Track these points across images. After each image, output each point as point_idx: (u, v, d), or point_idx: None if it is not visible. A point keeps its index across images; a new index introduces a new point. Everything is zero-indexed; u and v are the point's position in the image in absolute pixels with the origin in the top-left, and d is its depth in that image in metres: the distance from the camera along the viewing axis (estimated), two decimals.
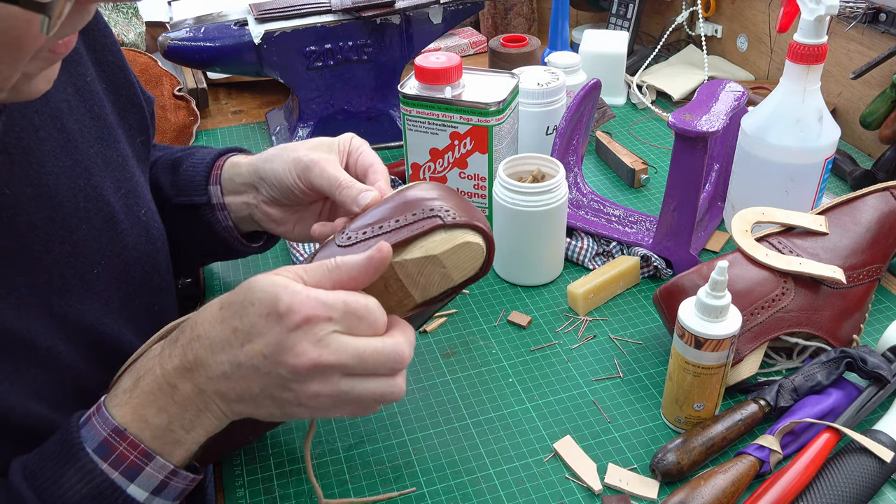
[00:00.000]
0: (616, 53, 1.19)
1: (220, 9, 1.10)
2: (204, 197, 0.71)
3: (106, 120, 0.61)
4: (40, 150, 0.54)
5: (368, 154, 0.66)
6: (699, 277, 0.70)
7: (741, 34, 1.27)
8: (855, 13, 1.02)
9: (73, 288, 0.55)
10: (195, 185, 0.71)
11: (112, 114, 0.63)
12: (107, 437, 0.49)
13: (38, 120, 0.54)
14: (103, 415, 0.50)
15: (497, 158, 0.88)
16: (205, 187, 0.71)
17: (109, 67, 0.64)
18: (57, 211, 0.54)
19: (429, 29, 1.08)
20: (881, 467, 0.60)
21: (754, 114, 0.83)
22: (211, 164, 0.72)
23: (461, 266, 0.56)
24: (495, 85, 0.89)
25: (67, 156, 0.56)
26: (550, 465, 0.65)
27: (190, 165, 0.73)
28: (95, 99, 0.61)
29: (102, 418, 0.49)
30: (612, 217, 0.92)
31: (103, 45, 0.64)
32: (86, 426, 0.50)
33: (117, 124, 0.64)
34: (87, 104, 0.60)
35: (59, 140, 0.56)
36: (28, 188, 0.52)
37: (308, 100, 1.09)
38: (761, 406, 0.65)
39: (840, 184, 1.00)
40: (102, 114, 0.61)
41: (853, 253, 0.73)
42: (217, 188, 0.71)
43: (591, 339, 0.78)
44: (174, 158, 0.75)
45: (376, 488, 0.63)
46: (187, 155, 0.74)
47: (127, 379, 0.52)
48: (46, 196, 0.53)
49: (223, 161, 0.72)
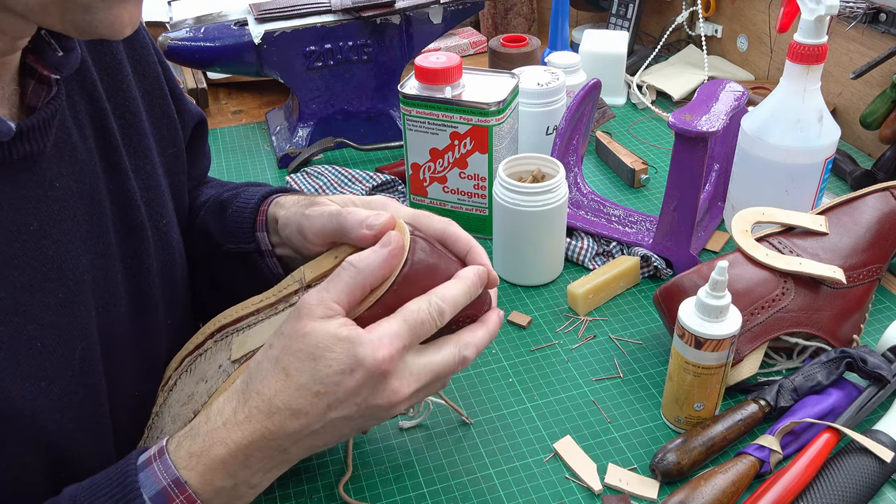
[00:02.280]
0: (616, 53, 1.19)
1: (220, 9, 1.10)
2: (252, 244, 0.67)
3: (140, 127, 0.61)
4: (85, 148, 0.54)
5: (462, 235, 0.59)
6: (699, 277, 0.70)
7: (741, 34, 1.27)
8: (855, 13, 1.02)
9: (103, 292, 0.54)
10: (242, 232, 0.68)
11: (147, 122, 0.63)
12: (166, 487, 0.48)
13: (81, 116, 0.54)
14: (166, 462, 0.49)
15: (497, 158, 0.88)
16: (251, 234, 0.67)
17: (147, 78, 0.64)
18: (96, 208, 0.54)
19: (429, 29, 1.08)
20: (881, 467, 0.60)
21: (754, 114, 0.83)
22: (256, 209, 0.68)
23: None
24: (495, 85, 0.89)
25: (103, 157, 0.56)
26: (550, 465, 0.65)
27: (235, 210, 0.68)
28: (131, 105, 0.60)
29: (164, 466, 0.49)
30: (612, 217, 0.92)
31: (141, 55, 0.63)
32: (144, 470, 0.49)
33: (150, 133, 0.63)
34: (121, 109, 0.59)
35: (97, 139, 0.56)
36: (74, 184, 0.52)
37: (308, 100, 1.09)
38: (761, 406, 0.65)
39: (840, 184, 1.00)
40: (136, 121, 0.61)
41: (853, 253, 0.73)
42: (264, 235, 0.67)
43: (591, 339, 0.78)
44: (221, 200, 0.71)
45: (376, 488, 0.63)
46: (233, 197, 0.71)
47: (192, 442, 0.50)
48: (88, 194, 0.53)
49: (267, 205, 0.67)
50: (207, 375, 0.60)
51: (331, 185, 1.01)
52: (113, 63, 0.59)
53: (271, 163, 1.12)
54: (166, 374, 0.63)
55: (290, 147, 1.10)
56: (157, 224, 0.62)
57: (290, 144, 1.10)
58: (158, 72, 0.65)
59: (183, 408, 0.60)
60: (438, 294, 0.52)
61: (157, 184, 0.63)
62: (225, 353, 0.60)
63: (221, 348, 0.61)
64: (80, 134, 0.54)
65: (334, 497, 0.63)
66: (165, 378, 0.63)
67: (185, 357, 0.63)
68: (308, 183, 1.02)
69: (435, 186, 0.92)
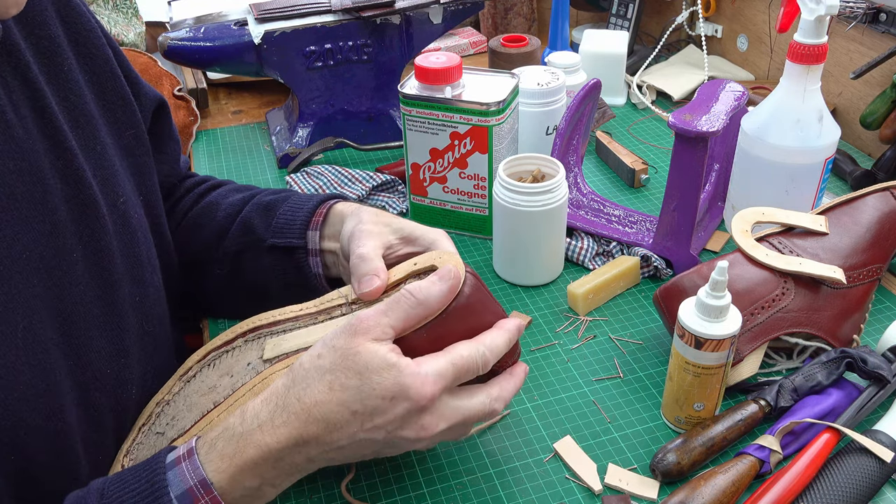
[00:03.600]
0: (616, 53, 1.19)
1: (220, 9, 1.10)
2: (301, 241, 0.71)
3: (85, 109, 0.61)
4: (22, 127, 0.54)
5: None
6: (699, 277, 0.70)
7: (741, 34, 1.27)
8: (855, 13, 1.02)
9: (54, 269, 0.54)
10: (293, 228, 0.72)
11: (93, 103, 0.63)
12: (192, 487, 0.50)
13: (16, 96, 0.54)
14: (194, 462, 0.51)
15: (497, 158, 0.88)
16: (304, 231, 0.71)
17: (92, 60, 0.64)
18: (38, 187, 0.54)
19: (429, 29, 1.08)
20: (881, 467, 0.60)
21: (754, 114, 0.83)
22: (313, 210, 0.72)
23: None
24: (495, 85, 0.89)
25: (46, 138, 0.56)
26: (550, 465, 0.65)
27: (289, 209, 0.73)
28: (73, 87, 0.60)
29: (193, 466, 0.50)
30: (612, 217, 0.92)
31: (86, 38, 0.63)
32: (173, 469, 0.50)
33: (99, 115, 0.63)
34: (63, 92, 0.60)
35: (36, 120, 0.55)
36: (10, 161, 0.52)
37: (308, 100, 1.09)
38: (761, 406, 0.65)
39: (840, 184, 1.00)
40: (81, 103, 0.61)
41: (853, 253, 0.73)
42: (316, 234, 0.71)
43: (591, 339, 0.78)
44: (267, 201, 0.75)
45: (376, 488, 0.63)
46: (284, 198, 0.75)
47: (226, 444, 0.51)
48: (28, 171, 0.53)
49: (325, 208, 0.73)
50: (234, 371, 0.62)
51: (331, 185, 1.01)
52: (50, 47, 0.59)
53: (271, 163, 1.12)
54: (186, 365, 0.64)
55: (290, 147, 1.10)
56: (113, 202, 0.62)
57: (290, 144, 1.10)
58: (108, 55, 0.66)
59: (202, 398, 0.61)
60: (486, 343, 0.55)
61: (109, 164, 0.63)
62: (256, 353, 0.62)
63: (252, 348, 0.62)
64: (15, 113, 0.54)
65: (334, 497, 0.63)
66: (185, 368, 0.64)
67: (210, 351, 0.64)
68: (308, 183, 1.02)
69: (435, 186, 0.93)
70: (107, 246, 0.60)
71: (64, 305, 0.55)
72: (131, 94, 0.68)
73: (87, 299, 0.57)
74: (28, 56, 0.57)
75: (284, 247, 0.72)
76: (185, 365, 0.64)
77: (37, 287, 0.53)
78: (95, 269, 0.58)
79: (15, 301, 0.51)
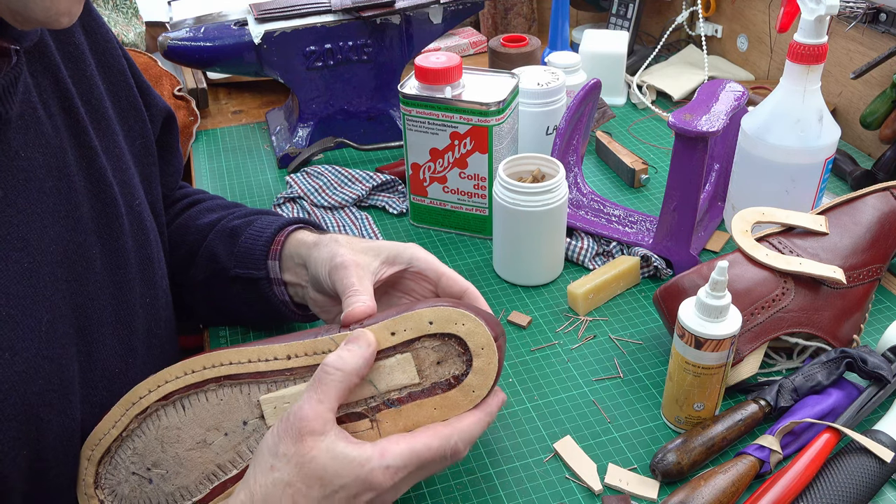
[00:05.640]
0: (616, 53, 1.19)
1: (220, 9, 1.10)
2: (262, 272, 0.70)
3: (105, 113, 0.62)
4: (51, 124, 0.55)
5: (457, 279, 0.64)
6: (699, 277, 0.70)
7: (741, 34, 1.27)
8: (855, 13, 1.02)
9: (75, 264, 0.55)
10: (254, 259, 0.70)
11: (112, 111, 0.64)
12: None
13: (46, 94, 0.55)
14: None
15: (497, 158, 0.88)
16: (264, 262, 0.70)
17: (110, 69, 0.65)
18: (64, 182, 0.54)
19: (429, 29, 1.08)
20: (881, 467, 0.60)
21: (754, 114, 0.83)
22: (271, 239, 0.71)
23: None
24: (495, 85, 0.89)
25: (72, 136, 0.57)
26: (550, 465, 0.65)
27: (249, 237, 0.71)
28: (95, 92, 0.62)
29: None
30: (612, 217, 0.92)
31: (104, 48, 0.65)
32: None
33: (116, 121, 0.65)
34: (87, 95, 0.61)
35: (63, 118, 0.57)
36: (40, 156, 0.53)
37: (308, 100, 1.09)
38: (761, 406, 0.65)
39: (840, 184, 1.00)
40: (101, 107, 0.62)
41: (853, 253, 0.73)
42: (276, 263, 0.70)
43: (591, 339, 0.78)
44: (232, 227, 0.74)
45: None
46: (247, 224, 0.73)
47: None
48: (56, 167, 0.54)
49: (283, 236, 0.71)
50: (224, 427, 0.57)
51: (331, 185, 1.01)
52: (76, 53, 0.60)
53: (271, 163, 1.12)
54: (135, 395, 0.57)
55: (290, 147, 1.10)
56: (130, 203, 0.63)
57: (290, 144, 1.10)
58: (124, 66, 0.67)
59: (193, 453, 0.57)
60: (459, 431, 0.55)
61: (126, 166, 0.64)
62: (247, 409, 0.57)
63: (237, 399, 0.57)
64: (45, 110, 0.55)
65: None
66: (135, 399, 0.57)
67: (173, 392, 0.57)
68: (308, 183, 1.02)
69: (435, 186, 0.93)
70: (123, 245, 0.60)
71: (81, 301, 0.55)
72: (142, 103, 0.69)
73: (102, 297, 0.58)
74: (57, 57, 0.58)
75: (247, 277, 0.71)
76: (134, 395, 0.57)
77: (60, 281, 0.53)
78: (112, 268, 0.59)
79: (42, 294, 0.51)
